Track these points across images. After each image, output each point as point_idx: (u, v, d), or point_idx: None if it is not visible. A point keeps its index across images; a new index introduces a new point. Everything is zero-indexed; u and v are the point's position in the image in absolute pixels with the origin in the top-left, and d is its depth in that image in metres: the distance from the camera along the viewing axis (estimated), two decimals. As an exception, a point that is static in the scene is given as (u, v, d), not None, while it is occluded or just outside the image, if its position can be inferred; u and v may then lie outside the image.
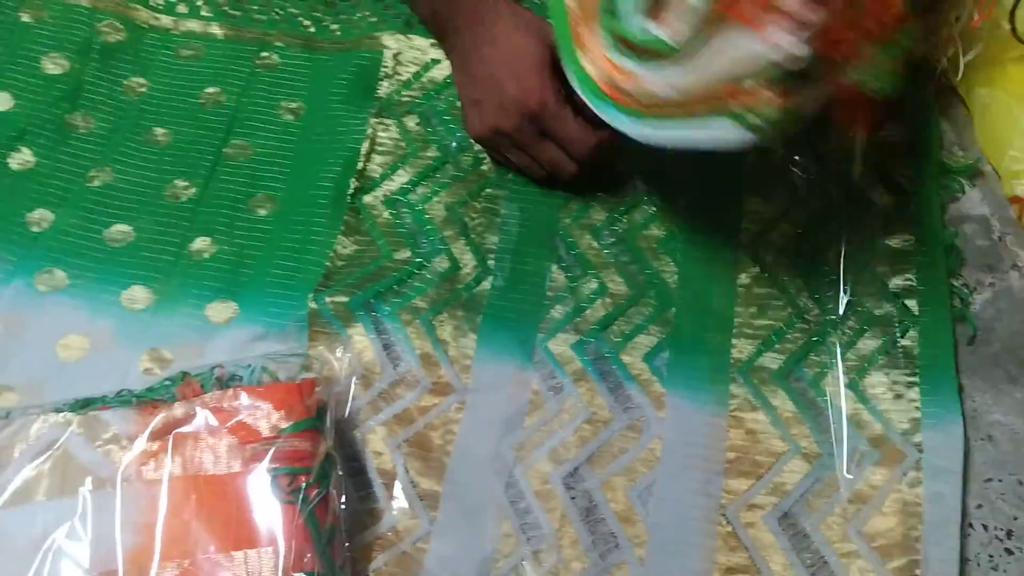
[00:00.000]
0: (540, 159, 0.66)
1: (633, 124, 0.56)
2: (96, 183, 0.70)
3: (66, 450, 0.52)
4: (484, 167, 0.71)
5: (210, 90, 0.75)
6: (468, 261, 0.66)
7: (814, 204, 0.67)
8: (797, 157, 0.69)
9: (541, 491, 0.58)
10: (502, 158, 0.69)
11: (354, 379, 0.61)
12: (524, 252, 0.67)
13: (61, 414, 0.53)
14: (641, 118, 0.55)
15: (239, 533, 0.50)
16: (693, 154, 0.69)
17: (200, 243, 0.67)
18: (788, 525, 0.57)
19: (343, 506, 0.53)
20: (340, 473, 0.54)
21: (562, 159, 0.65)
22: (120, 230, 0.68)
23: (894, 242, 0.65)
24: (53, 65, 0.75)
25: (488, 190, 0.70)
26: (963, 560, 0.55)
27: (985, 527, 0.57)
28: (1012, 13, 0.68)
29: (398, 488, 0.58)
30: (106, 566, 0.49)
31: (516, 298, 0.65)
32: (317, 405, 0.55)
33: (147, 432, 0.52)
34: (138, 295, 0.65)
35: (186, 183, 0.70)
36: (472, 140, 0.69)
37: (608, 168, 0.69)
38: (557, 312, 0.65)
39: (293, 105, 0.74)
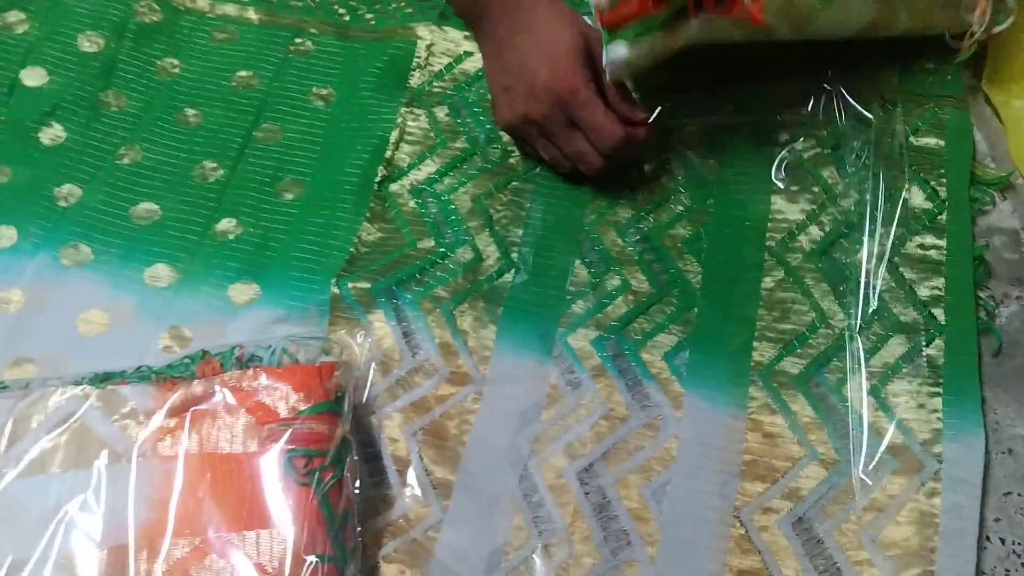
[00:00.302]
0: (566, 149, 0.65)
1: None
2: (125, 161, 0.70)
3: (83, 423, 0.52)
4: (512, 160, 0.70)
5: (242, 73, 0.75)
6: (491, 253, 0.66)
7: (842, 209, 0.67)
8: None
9: (555, 485, 0.58)
10: (531, 149, 0.68)
11: (373, 365, 0.61)
12: (548, 246, 0.67)
13: (80, 387, 0.54)
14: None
15: (252, 513, 0.50)
16: (722, 155, 0.69)
17: (226, 224, 0.68)
18: (802, 530, 0.56)
19: (357, 491, 0.54)
20: (355, 458, 0.54)
21: (589, 151, 0.65)
22: (147, 208, 0.68)
23: (923, 250, 0.65)
24: (89, 43, 0.75)
25: (515, 183, 0.70)
26: (979, 573, 0.55)
27: (1002, 541, 0.56)
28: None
29: (412, 476, 0.58)
30: (117, 540, 0.49)
31: (538, 291, 0.65)
32: (336, 389, 0.55)
33: (165, 408, 0.53)
34: (161, 273, 0.65)
35: (214, 164, 0.70)
36: (501, 130, 0.69)
37: (635, 166, 0.69)
38: (578, 307, 0.64)
39: (324, 92, 0.74)
